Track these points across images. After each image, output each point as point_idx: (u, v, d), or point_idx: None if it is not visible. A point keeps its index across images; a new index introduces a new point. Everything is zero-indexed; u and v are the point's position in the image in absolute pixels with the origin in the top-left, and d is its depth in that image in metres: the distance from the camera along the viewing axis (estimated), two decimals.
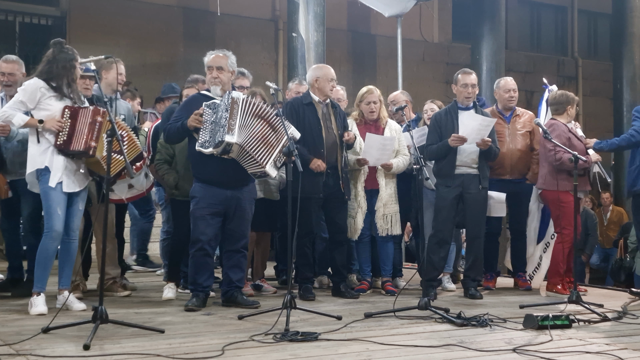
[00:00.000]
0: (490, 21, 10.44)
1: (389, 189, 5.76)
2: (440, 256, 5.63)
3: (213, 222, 4.93)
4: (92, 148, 4.54)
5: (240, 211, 4.98)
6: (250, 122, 4.80)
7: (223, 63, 5.03)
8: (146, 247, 7.59)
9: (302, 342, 3.84)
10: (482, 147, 5.54)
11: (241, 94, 4.87)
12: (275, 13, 12.60)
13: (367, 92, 5.83)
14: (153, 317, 4.60)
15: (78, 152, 4.56)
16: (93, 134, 4.56)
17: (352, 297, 5.51)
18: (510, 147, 6.03)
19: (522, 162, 6.15)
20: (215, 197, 4.91)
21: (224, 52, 5.10)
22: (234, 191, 4.94)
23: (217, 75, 5.00)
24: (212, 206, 4.91)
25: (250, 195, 5.08)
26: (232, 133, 4.69)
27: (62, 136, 4.53)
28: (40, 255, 4.66)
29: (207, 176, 4.92)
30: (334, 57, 8.53)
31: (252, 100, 4.87)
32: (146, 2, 11.49)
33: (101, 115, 4.60)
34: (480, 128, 5.51)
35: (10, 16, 10.87)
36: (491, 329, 4.29)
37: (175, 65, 11.76)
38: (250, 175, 4.99)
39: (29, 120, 4.58)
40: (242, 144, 4.73)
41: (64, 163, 4.61)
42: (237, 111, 4.74)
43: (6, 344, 3.66)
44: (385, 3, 9.85)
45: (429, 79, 13.26)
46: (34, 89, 4.61)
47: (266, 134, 4.84)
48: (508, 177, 6.09)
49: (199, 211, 4.93)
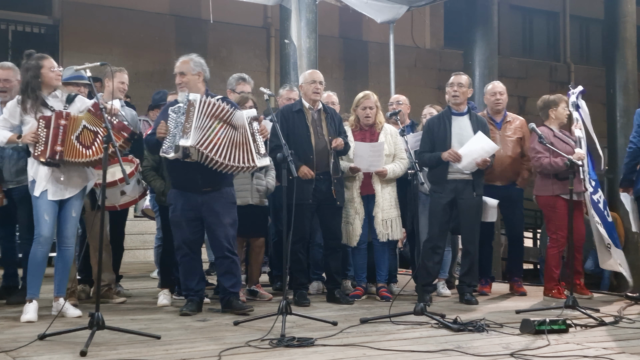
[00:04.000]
0: (482, 27, 10.47)
1: (387, 193, 5.76)
2: (434, 261, 5.63)
3: (190, 227, 4.93)
4: (58, 152, 4.53)
5: (214, 216, 4.92)
6: (208, 123, 4.70)
7: (184, 68, 5.00)
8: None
9: (299, 347, 3.84)
10: (482, 167, 5.54)
11: (199, 96, 4.77)
12: (267, 20, 12.62)
13: (363, 97, 5.84)
14: (149, 323, 4.59)
15: (50, 160, 4.56)
16: (57, 138, 4.55)
17: (347, 303, 5.51)
18: (500, 153, 6.00)
19: (512, 169, 6.16)
20: (188, 203, 4.91)
21: (189, 56, 5.07)
22: (204, 196, 4.91)
23: (180, 81, 4.99)
24: (186, 212, 4.91)
25: (226, 200, 4.98)
26: (186, 136, 4.63)
27: (39, 146, 4.56)
28: (30, 262, 4.70)
29: (177, 181, 4.93)
30: (325, 64, 8.55)
31: (208, 101, 4.75)
32: (139, 10, 11.48)
33: (64, 118, 4.59)
34: (482, 153, 5.50)
35: (2, 25, 10.84)
36: (488, 334, 4.28)
37: (168, 73, 11.62)
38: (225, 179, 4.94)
39: (10, 137, 4.67)
40: (197, 146, 4.64)
41: (48, 172, 4.63)
42: (193, 113, 4.68)
43: (3, 351, 3.65)
44: (377, 9, 9.88)
45: (421, 85, 13.30)
46: (13, 105, 4.71)
47: (230, 134, 4.75)
48: (498, 183, 6.10)
49: (175, 218, 4.96)
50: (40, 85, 4.71)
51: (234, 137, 4.76)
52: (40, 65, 4.69)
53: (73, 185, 4.75)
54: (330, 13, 11.47)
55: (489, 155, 5.53)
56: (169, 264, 5.52)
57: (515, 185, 6.20)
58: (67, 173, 4.70)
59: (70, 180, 4.72)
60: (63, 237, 4.78)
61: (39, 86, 4.70)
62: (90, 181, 4.89)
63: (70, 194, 4.73)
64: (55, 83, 4.74)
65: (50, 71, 4.70)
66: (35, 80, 4.69)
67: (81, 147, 4.56)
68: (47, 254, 4.74)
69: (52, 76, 4.71)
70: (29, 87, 4.71)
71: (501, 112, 6.27)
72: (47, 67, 4.70)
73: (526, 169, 6.17)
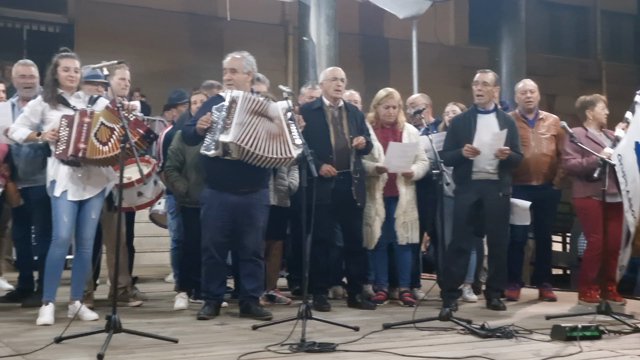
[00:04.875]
0: (509, 23, 10.30)
1: (409, 195, 5.64)
2: (459, 265, 5.48)
3: (223, 229, 4.85)
4: (81, 150, 4.49)
5: (248, 218, 4.87)
6: (249, 119, 4.69)
7: (236, 65, 4.95)
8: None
9: (320, 352, 3.75)
10: (501, 157, 5.39)
11: (242, 93, 4.77)
12: (284, 17, 12.55)
13: (386, 95, 5.69)
14: (165, 327, 4.52)
15: (73, 157, 4.51)
16: (81, 135, 4.52)
17: (369, 307, 5.39)
18: (535, 152, 5.87)
19: (548, 167, 5.99)
20: (224, 204, 4.82)
21: (241, 53, 5.03)
22: (241, 197, 4.83)
23: (230, 77, 4.94)
24: (221, 213, 4.83)
25: (261, 202, 4.96)
26: (227, 132, 4.62)
27: (60, 145, 4.53)
28: (47, 264, 4.67)
29: (214, 180, 4.86)
30: (345, 61, 8.41)
31: (250, 97, 4.76)
32: (153, 8, 11.48)
33: (88, 116, 4.56)
34: (493, 143, 5.36)
35: (17, 24, 10.90)
36: (517, 341, 4.14)
37: (182, 72, 11.72)
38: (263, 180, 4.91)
39: (29, 135, 4.66)
40: (237, 141, 4.62)
41: (69, 172, 4.60)
42: (235, 110, 4.67)
43: (19, 354, 3.63)
44: (399, 5, 9.75)
45: (444, 83, 13.08)
46: (35, 103, 4.72)
47: (267, 126, 4.73)
48: (534, 182, 5.93)
49: (207, 218, 4.86)
50: (57, 83, 4.69)
51: (270, 128, 4.73)
52: (57, 63, 4.69)
53: (93, 186, 4.70)
54: (350, 9, 11.36)
55: (502, 142, 5.35)
56: (187, 266, 5.44)
57: (552, 186, 6.02)
58: (87, 173, 4.66)
59: (90, 181, 4.68)
60: (81, 239, 4.73)
61: (57, 84, 4.69)
62: (110, 183, 4.85)
63: (89, 195, 4.69)
64: (67, 84, 4.70)
65: (63, 71, 4.68)
66: (53, 77, 4.69)
67: (98, 144, 4.52)
68: (65, 256, 4.71)
69: (64, 76, 4.68)
70: (48, 83, 4.72)
71: (533, 110, 6.12)
72: (61, 66, 4.68)
73: (562, 167, 6.00)
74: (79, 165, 4.59)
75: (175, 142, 5.40)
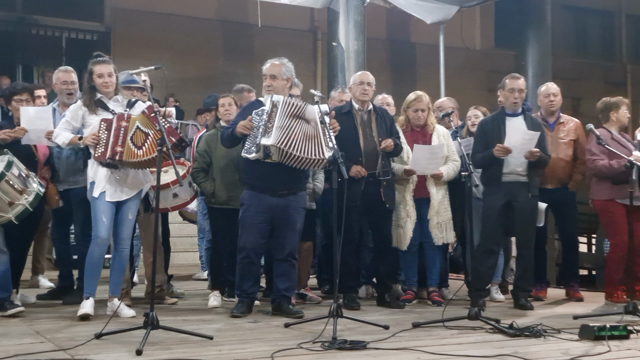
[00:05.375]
0: (535, 27, 10.28)
1: (441, 196, 5.69)
2: (488, 266, 5.51)
3: (260, 229, 4.93)
4: (118, 153, 4.61)
5: (286, 220, 4.97)
6: (289, 122, 4.78)
7: (276, 71, 5.05)
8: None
9: (351, 350, 3.81)
10: (531, 159, 5.42)
11: (282, 97, 4.87)
12: (313, 24, 12.66)
13: (415, 99, 5.76)
14: (200, 324, 4.62)
15: (111, 160, 4.63)
16: (118, 139, 4.63)
17: (398, 307, 5.45)
18: (552, 156, 5.85)
19: (564, 171, 5.99)
20: (263, 205, 4.91)
21: (281, 59, 5.12)
22: (280, 199, 4.93)
23: (270, 83, 5.04)
24: (259, 214, 4.91)
25: (299, 205, 5.05)
26: (268, 135, 4.71)
27: (100, 148, 4.65)
28: (87, 262, 4.79)
29: (254, 183, 4.94)
30: (373, 66, 8.47)
31: (290, 102, 4.85)
32: (187, 16, 11.66)
33: (125, 120, 4.68)
34: (524, 142, 5.39)
35: (57, 32, 11.14)
36: (545, 340, 4.17)
37: (215, 78, 11.89)
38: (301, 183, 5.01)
39: (72, 139, 4.78)
40: (278, 145, 4.71)
41: (107, 173, 4.72)
42: (276, 114, 4.77)
43: (61, 349, 3.73)
44: (426, 10, 9.79)
45: (471, 87, 13.09)
46: (75, 108, 4.84)
47: (304, 128, 4.82)
48: (548, 186, 5.94)
49: (246, 219, 4.94)
50: (94, 89, 4.80)
51: (307, 130, 4.82)
52: (92, 70, 4.80)
53: (130, 188, 4.82)
54: (377, 15, 11.43)
55: (533, 144, 5.38)
56: (219, 265, 5.55)
57: (567, 189, 6.04)
58: (125, 175, 4.78)
59: (128, 182, 4.80)
60: (119, 239, 4.86)
61: (94, 89, 4.80)
62: (147, 184, 4.96)
63: (127, 196, 4.81)
64: (104, 90, 4.80)
65: (97, 78, 4.79)
66: (89, 84, 4.81)
67: (134, 147, 4.64)
68: (104, 255, 4.84)
69: (100, 83, 4.79)
70: (85, 90, 4.85)
71: (555, 113, 6.13)
72: (95, 73, 4.79)
73: (579, 172, 6.00)
74: (116, 168, 4.71)
75: (202, 144, 5.51)
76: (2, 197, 4.63)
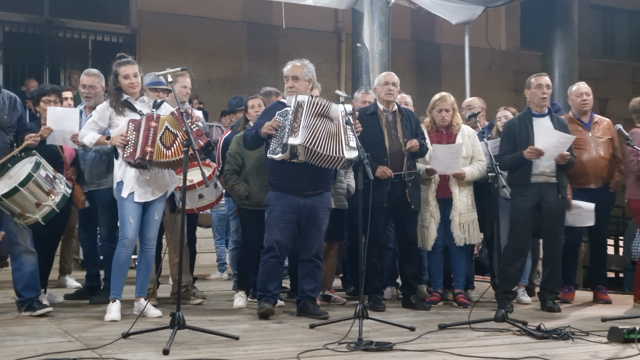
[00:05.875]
0: (562, 27, 10.17)
1: (464, 196, 5.65)
2: (516, 268, 5.44)
3: (286, 230, 4.93)
4: (149, 153, 4.63)
5: (313, 220, 4.96)
6: (314, 121, 4.77)
7: (299, 72, 5.06)
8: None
9: (377, 351, 3.80)
10: (561, 162, 5.36)
11: (307, 97, 4.87)
12: (337, 25, 12.65)
13: (439, 99, 5.74)
14: (226, 324, 4.64)
15: (140, 160, 4.66)
16: (147, 139, 4.66)
17: (424, 308, 5.42)
18: (593, 155, 5.81)
19: (606, 170, 5.92)
20: (289, 205, 4.91)
21: (302, 61, 5.13)
22: (307, 200, 4.93)
23: (292, 85, 5.04)
24: (286, 214, 4.91)
25: (325, 205, 5.04)
26: (295, 135, 4.70)
27: (128, 149, 4.68)
28: (114, 263, 4.83)
29: (280, 183, 4.93)
30: (397, 67, 8.46)
31: (315, 101, 4.84)
32: (212, 18, 11.71)
33: (155, 120, 4.70)
34: (558, 145, 5.33)
35: (83, 35, 11.25)
36: (574, 342, 4.13)
37: (240, 80, 11.94)
38: (327, 183, 5.01)
39: (99, 139, 4.80)
40: (306, 144, 4.70)
41: (135, 174, 4.74)
42: (302, 113, 4.76)
43: (89, 348, 3.77)
44: (452, 10, 9.73)
45: (496, 88, 12.99)
46: (103, 108, 4.85)
47: (328, 126, 4.81)
48: (592, 185, 5.87)
49: (272, 219, 4.94)
50: (120, 90, 4.83)
51: (330, 128, 4.81)
52: (117, 72, 4.83)
53: (157, 189, 4.85)
54: (402, 16, 11.39)
55: (567, 147, 5.33)
56: (246, 266, 5.55)
57: (609, 189, 5.97)
58: (153, 176, 4.81)
59: (155, 183, 4.83)
60: (145, 239, 4.89)
61: (120, 91, 4.83)
62: (172, 185, 4.99)
63: (154, 197, 4.84)
64: (130, 91, 4.83)
65: (123, 79, 4.81)
66: (115, 86, 4.84)
67: (163, 148, 4.66)
68: (130, 256, 4.86)
69: (126, 84, 4.81)
70: (111, 92, 4.86)
71: (588, 113, 6.06)
72: (121, 74, 4.81)
73: (618, 170, 5.94)
74: (145, 168, 4.74)
75: (233, 146, 5.51)
76: (30, 198, 4.68)
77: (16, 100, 4.99)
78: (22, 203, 4.67)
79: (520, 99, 5.89)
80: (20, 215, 4.71)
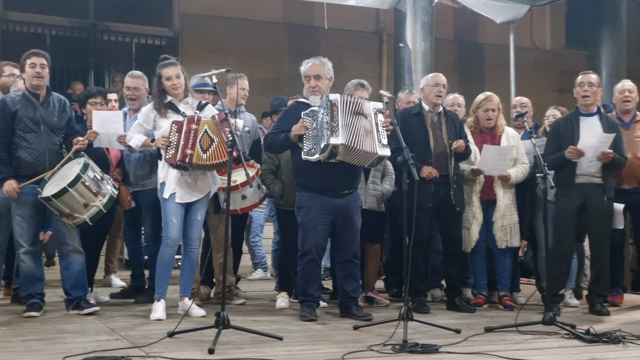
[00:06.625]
0: (609, 25, 9.94)
1: (507, 199, 5.57)
2: (561, 271, 5.35)
3: (323, 232, 4.90)
4: (188, 156, 4.67)
5: (348, 219, 4.93)
6: (351, 119, 4.72)
7: (321, 71, 5.01)
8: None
9: (422, 354, 3.77)
10: (603, 160, 5.25)
11: (339, 95, 4.80)
12: (379, 25, 12.59)
13: (485, 99, 5.67)
14: (269, 324, 4.66)
15: (181, 162, 4.69)
16: (188, 142, 4.69)
17: (469, 311, 5.35)
18: (627, 156, 5.63)
19: None
20: (324, 207, 4.87)
21: (320, 59, 5.08)
22: (341, 199, 4.90)
23: (315, 84, 4.98)
24: (322, 215, 4.87)
25: (357, 204, 5.02)
26: (336, 135, 4.64)
27: (170, 150, 4.72)
28: (159, 263, 4.88)
29: (314, 184, 4.88)
30: (440, 67, 8.37)
31: (349, 99, 4.80)
32: (254, 20, 11.76)
33: (195, 123, 4.73)
34: (598, 144, 5.21)
35: (127, 38, 11.42)
36: (625, 346, 4.04)
37: (280, 81, 11.97)
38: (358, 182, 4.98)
39: (144, 141, 4.87)
40: (347, 143, 4.66)
41: (177, 175, 4.79)
42: (337, 112, 4.69)
43: (136, 346, 3.82)
44: (496, 10, 9.61)
45: (541, 88, 12.75)
46: (147, 110, 4.91)
47: (363, 123, 4.76)
48: (626, 186, 5.72)
49: (309, 222, 4.88)
50: (164, 92, 4.87)
51: (365, 125, 4.77)
52: (160, 74, 4.87)
53: (199, 189, 4.89)
54: (445, 15, 11.28)
55: (608, 145, 5.20)
56: (287, 267, 5.56)
57: None
58: (195, 177, 4.84)
59: (197, 184, 4.87)
60: (189, 240, 4.93)
61: (164, 93, 4.87)
62: (214, 186, 5.02)
63: (196, 198, 4.88)
64: (173, 92, 4.87)
65: (166, 81, 4.85)
66: (159, 88, 4.88)
67: (201, 151, 4.70)
68: (174, 256, 4.92)
69: (169, 86, 4.85)
70: (155, 94, 4.92)
71: (630, 111, 5.91)
72: (164, 76, 4.85)
73: None
74: (187, 170, 4.79)
75: None
76: (78, 198, 4.75)
77: (65, 103, 5.08)
78: (70, 203, 4.75)
79: (565, 99, 5.78)
80: (68, 216, 4.80)
